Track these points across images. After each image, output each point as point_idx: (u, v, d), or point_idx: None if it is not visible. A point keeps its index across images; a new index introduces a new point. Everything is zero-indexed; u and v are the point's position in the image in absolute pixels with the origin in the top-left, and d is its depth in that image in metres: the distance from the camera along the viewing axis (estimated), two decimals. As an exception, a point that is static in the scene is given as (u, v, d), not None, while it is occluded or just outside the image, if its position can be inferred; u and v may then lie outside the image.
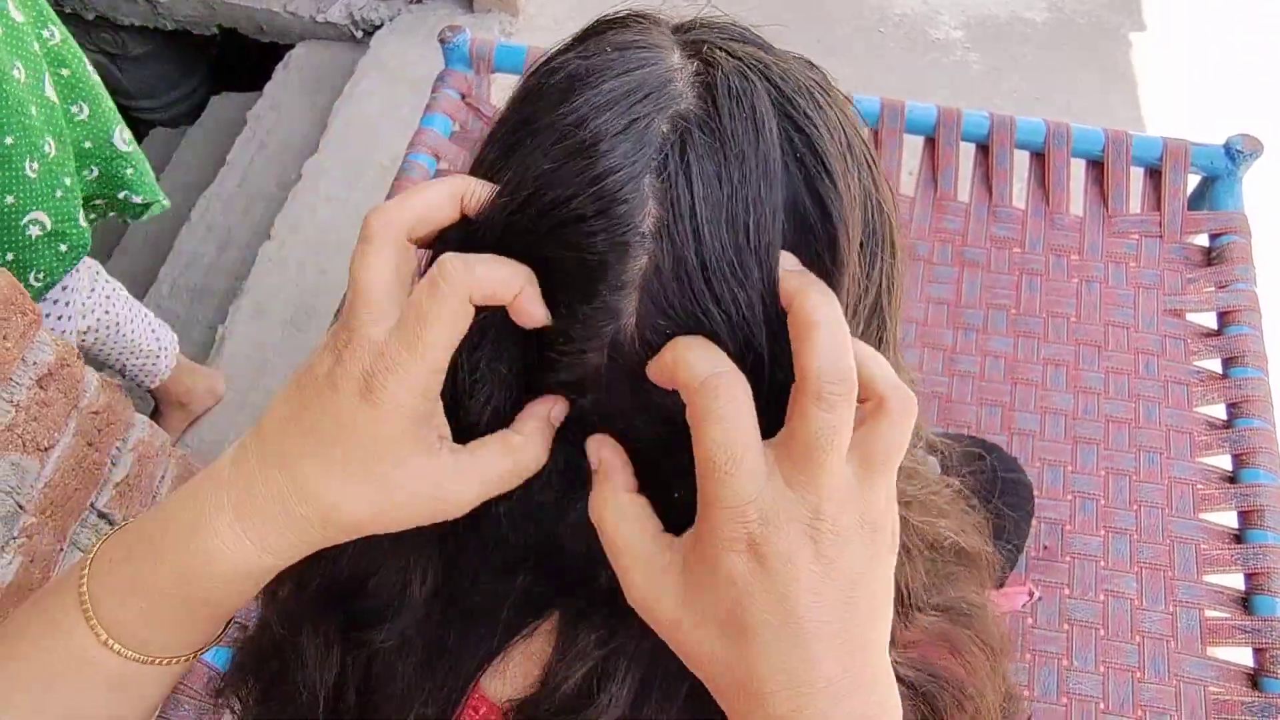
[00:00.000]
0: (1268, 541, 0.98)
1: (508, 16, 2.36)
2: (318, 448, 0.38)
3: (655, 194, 0.35)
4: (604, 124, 0.35)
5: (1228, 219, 1.20)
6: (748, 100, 0.36)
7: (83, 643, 0.41)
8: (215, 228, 2.17)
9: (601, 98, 0.36)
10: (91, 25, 2.73)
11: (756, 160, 0.35)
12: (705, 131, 0.35)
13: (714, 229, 0.35)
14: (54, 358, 0.82)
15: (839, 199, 0.37)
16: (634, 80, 0.36)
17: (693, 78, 0.37)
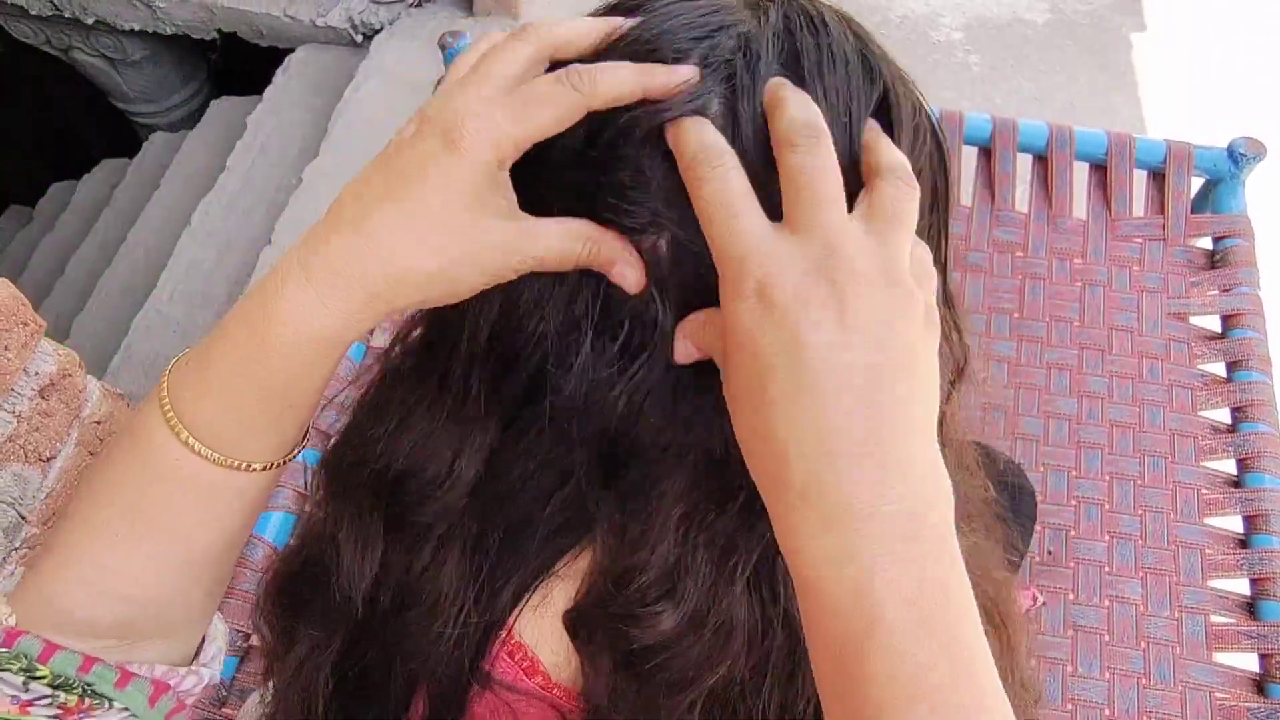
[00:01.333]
0: (1273, 546, 0.98)
1: (509, 19, 2.36)
2: (391, 199, 0.38)
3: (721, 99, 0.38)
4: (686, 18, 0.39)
5: (1231, 222, 1.19)
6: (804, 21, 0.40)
7: (166, 448, 0.41)
8: (216, 233, 2.17)
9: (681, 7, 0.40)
10: (91, 30, 2.73)
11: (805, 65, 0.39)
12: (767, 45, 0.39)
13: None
14: (56, 368, 0.81)
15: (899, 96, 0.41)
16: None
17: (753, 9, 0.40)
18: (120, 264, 2.32)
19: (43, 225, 3.00)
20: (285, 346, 0.39)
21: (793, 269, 0.34)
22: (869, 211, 0.36)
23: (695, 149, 0.36)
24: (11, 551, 0.79)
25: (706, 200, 0.35)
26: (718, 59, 0.38)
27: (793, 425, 0.34)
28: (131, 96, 3.00)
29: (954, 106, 2.16)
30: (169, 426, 0.40)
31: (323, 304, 0.39)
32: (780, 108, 0.37)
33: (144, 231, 2.37)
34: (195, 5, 2.52)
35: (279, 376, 0.40)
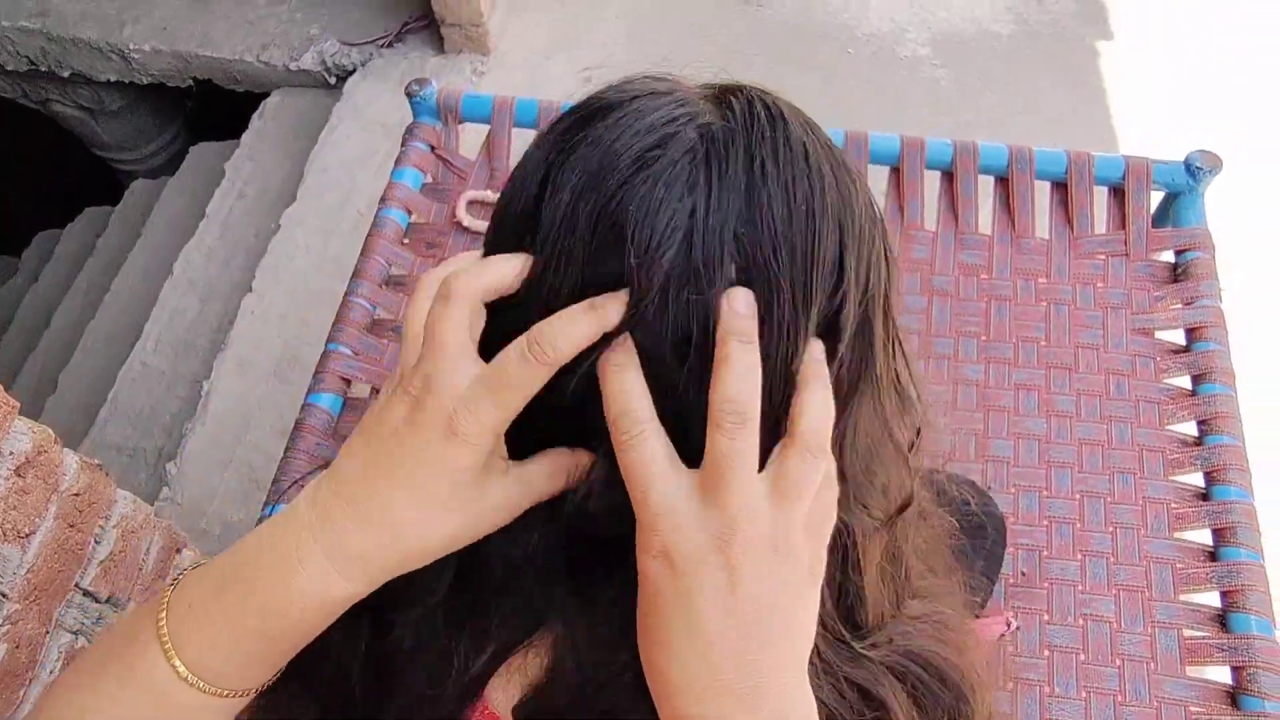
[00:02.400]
0: (1241, 559, 0.99)
1: (479, 56, 2.38)
2: (405, 486, 0.42)
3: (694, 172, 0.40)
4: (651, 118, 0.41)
5: (1191, 235, 1.21)
6: (760, 117, 0.42)
7: (164, 681, 0.44)
8: (197, 281, 2.19)
9: (645, 103, 0.42)
10: (68, 83, 2.75)
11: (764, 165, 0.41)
12: (728, 136, 0.41)
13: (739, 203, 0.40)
14: (31, 445, 0.83)
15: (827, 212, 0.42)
16: (666, 101, 0.42)
17: (711, 104, 0.43)
18: (105, 314, 2.34)
19: (28, 276, 3.01)
20: (306, 613, 0.44)
21: (694, 538, 0.39)
22: (774, 481, 0.41)
23: (618, 412, 0.40)
24: (-7, 629, 0.80)
25: (628, 465, 0.40)
26: (683, 142, 0.41)
27: (681, 665, 0.40)
28: (110, 145, 3.02)
29: (921, 121, 2.19)
30: (169, 664, 0.44)
31: (346, 579, 0.43)
32: (721, 374, 0.39)
33: (127, 280, 2.39)
34: (170, 54, 2.54)
35: (294, 635, 0.45)
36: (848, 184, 0.43)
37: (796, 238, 0.40)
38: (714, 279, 0.40)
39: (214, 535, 1.68)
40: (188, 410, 1.94)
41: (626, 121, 0.41)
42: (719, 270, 0.40)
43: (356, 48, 2.44)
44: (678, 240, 0.39)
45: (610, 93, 0.44)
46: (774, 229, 0.40)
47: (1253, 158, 2.08)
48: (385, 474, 0.42)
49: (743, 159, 0.41)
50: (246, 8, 2.58)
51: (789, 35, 2.42)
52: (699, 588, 0.39)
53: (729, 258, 0.40)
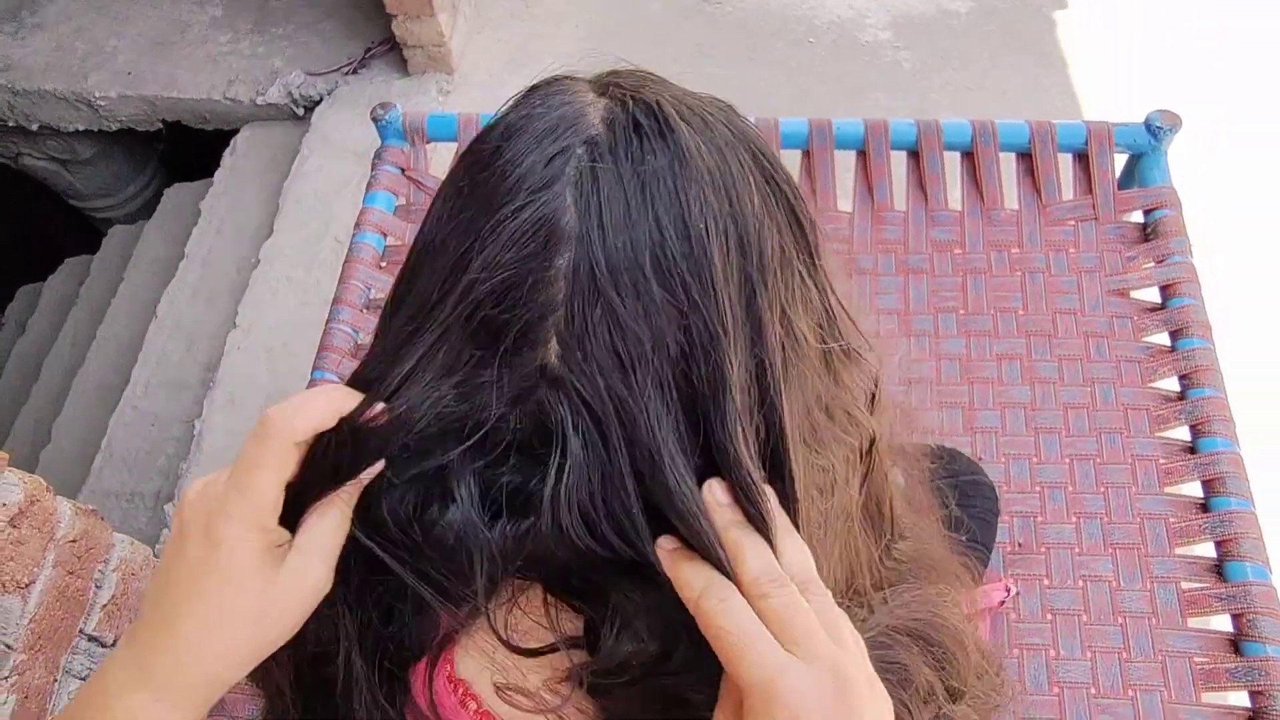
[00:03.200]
0: (1231, 508, 1.00)
1: (444, 76, 2.39)
2: (186, 603, 0.42)
3: (577, 209, 0.41)
4: (531, 160, 0.42)
5: (1157, 194, 1.23)
6: (646, 122, 0.43)
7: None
8: (182, 321, 2.19)
9: (528, 139, 0.43)
10: (37, 136, 2.75)
11: (651, 181, 0.41)
12: (611, 156, 0.42)
13: (619, 243, 0.40)
14: (23, 495, 0.83)
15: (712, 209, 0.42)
16: (554, 118, 0.43)
17: (603, 111, 0.43)
18: (93, 362, 2.34)
19: (13, 330, 3.00)
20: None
21: (818, 700, 0.38)
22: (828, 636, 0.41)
23: (701, 588, 0.40)
24: (1, 681, 0.80)
25: (727, 633, 0.39)
26: (564, 170, 0.41)
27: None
28: (86, 194, 3.01)
29: (888, 105, 2.21)
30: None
31: (167, 708, 0.42)
32: (740, 560, 0.41)
33: (113, 326, 2.39)
34: (136, 99, 2.55)
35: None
36: (742, 177, 0.44)
37: (687, 275, 0.41)
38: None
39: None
40: (182, 450, 1.94)
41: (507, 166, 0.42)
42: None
43: (321, 77, 2.45)
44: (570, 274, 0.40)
45: (493, 133, 0.45)
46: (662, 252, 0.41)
47: (1215, 117, 2.10)
48: (168, 596, 0.42)
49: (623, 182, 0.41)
50: (209, 45, 2.58)
51: (749, 31, 2.44)
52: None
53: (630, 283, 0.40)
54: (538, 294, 0.40)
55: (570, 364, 0.40)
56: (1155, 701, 0.95)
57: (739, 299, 0.43)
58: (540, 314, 0.40)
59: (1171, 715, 0.94)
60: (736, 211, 0.43)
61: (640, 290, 0.40)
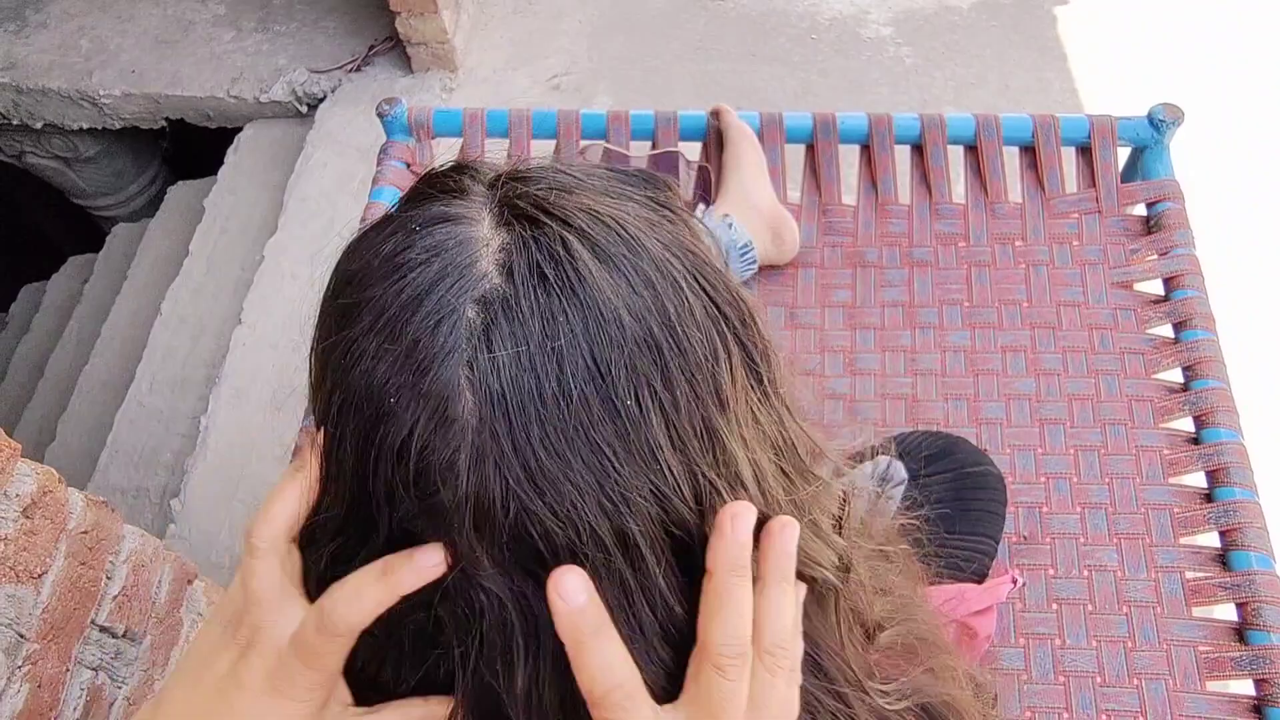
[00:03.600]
0: (1236, 497, 1.01)
1: (447, 73, 2.40)
2: None
3: (470, 388, 0.35)
4: (417, 323, 0.36)
5: (1160, 187, 1.23)
6: (552, 271, 0.36)
7: None
8: (187, 319, 2.20)
9: (411, 291, 0.36)
10: (41, 133, 2.76)
11: (560, 339, 0.35)
12: (508, 315, 0.36)
13: (521, 418, 0.35)
14: (35, 486, 0.84)
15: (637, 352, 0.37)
16: (441, 266, 0.37)
17: (498, 252, 0.37)
18: (98, 360, 2.34)
19: (17, 329, 3.01)
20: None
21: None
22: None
23: (605, 687, 0.38)
24: (15, 670, 0.81)
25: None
26: (459, 341, 0.36)
27: None
28: (89, 192, 3.02)
29: (890, 101, 2.21)
30: None
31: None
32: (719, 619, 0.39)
33: (117, 324, 2.40)
34: (140, 97, 2.55)
35: None
36: (663, 314, 0.38)
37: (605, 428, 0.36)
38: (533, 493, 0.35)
39: (224, 567, 1.69)
40: (188, 447, 1.95)
41: (392, 321, 0.36)
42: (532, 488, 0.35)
43: (325, 75, 2.45)
44: (468, 474, 0.35)
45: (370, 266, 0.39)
46: (584, 460, 0.36)
47: (1218, 110, 2.11)
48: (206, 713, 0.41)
49: (534, 361, 0.35)
50: (213, 44, 2.59)
51: (752, 27, 2.44)
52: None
53: (537, 474, 0.35)
54: (438, 494, 0.36)
55: (482, 563, 0.37)
56: (1160, 690, 0.95)
57: (677, 464, 0.38)
58: (445, 518, 0.36)
59: (1176, 703, 0.94)
60: (668, 366, 0.37)
61: (557, 482, 0.35)
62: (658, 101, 1.28)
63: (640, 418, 0.36)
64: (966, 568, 0.93)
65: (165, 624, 1.03)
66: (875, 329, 1.21)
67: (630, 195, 0.42)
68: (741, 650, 0.39)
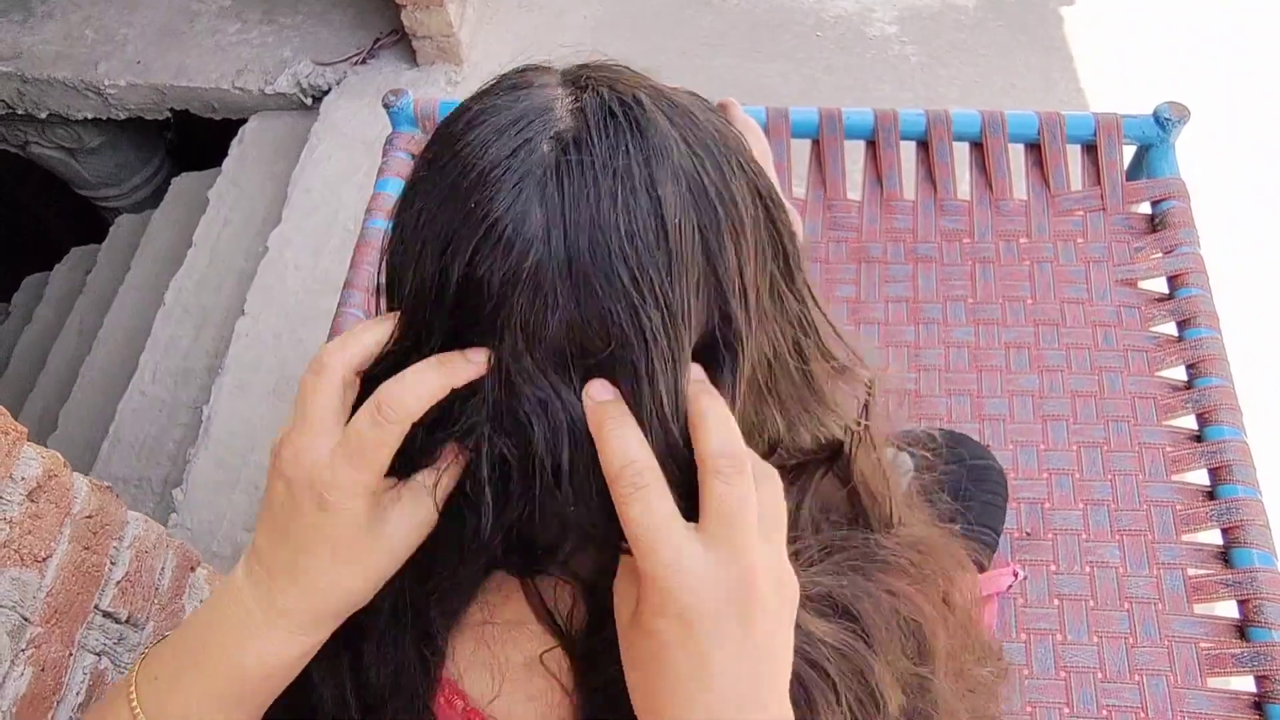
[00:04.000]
0: (1238, 495, 1.01)
1: (452, 66, 2.40)
2: (306, 553, 0.45)
3: (541, 207, 0.39)
4: (494, 152, 0.40)
5: (1165, 185, 1.23)
6: (621, 114, 0.41)
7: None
8: (190, 309, 2.20)
9: (491, 130, 0.41)
10: (46, 123, 2.76)
11: (622, 173, 0.40)
12: (578, 148, 0.40)
13: (585, 236, 0.39)
14: (41, 470, 0.84)
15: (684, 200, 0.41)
16: (519, 110, 0.42)
17: (572, 104, 0.42)
18: (100, 350, 2.34)
19: (19, 319, 3.01)
20: (269, 673, 0.47)
21: (713, 595, 0.39)
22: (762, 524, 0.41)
23: (620, 464, 0.40)
24: (19, 653, 0.81)
25: (633, 520, 0.40)
26: (533, 174, 0.40)
27: (679, 707, 0.40)
28: (93, 183, 3.02)
29: (894, 99, 2.21)
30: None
31: (300, 636, 0.47)
32: (704, 431, 0.41)
33: (120, 315, 2.40)
34: (145, 88, 2.55)
35: (260, 695, 0.48)
36: (721, 187, 0.42)
37: (656, 254, 0.40)
38: (580, 301, 0.39)
39: (225, 556, 1.70)
40: (190, 436, 1.95)
41: (471, 153, 0.41)
42: (583, 294, 0.39)
43: (330, 67, 2.45)
44: (527, 276, 0.39)
45: (459, 119, 0.43)
46: (630, 247, 0.39)
47: (1223, 109, 2.11)
48: (288, 546, 0.45)
49: (598, 183, 0.40)
50: (218, 36, 2.59)
51: (757, 24, 2.44)
52: (718, 643, 0.39)
53: (588, 281, 0.39)
54: (497, 291, 0.40)
55: (525, 362, 0.41)
56: (1161, 686, 0.95)
57: (707, 300, 0.42)
58: (500, 309, 0.40)
59: (1177, 700, 0.95)
60: (709, 210, 0.41)
61: (599, 289, 0.39)
62: (663, 96, 1.29)
63: (687, 249, 0.40)
64: (969, 560, 0.93)
65: (168, 610, 1.03)
66: (879, 324, 1.21)
67: (687, 94, 0.46)
68: (736, 456, 0.40)
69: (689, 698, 0.40)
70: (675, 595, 0.39)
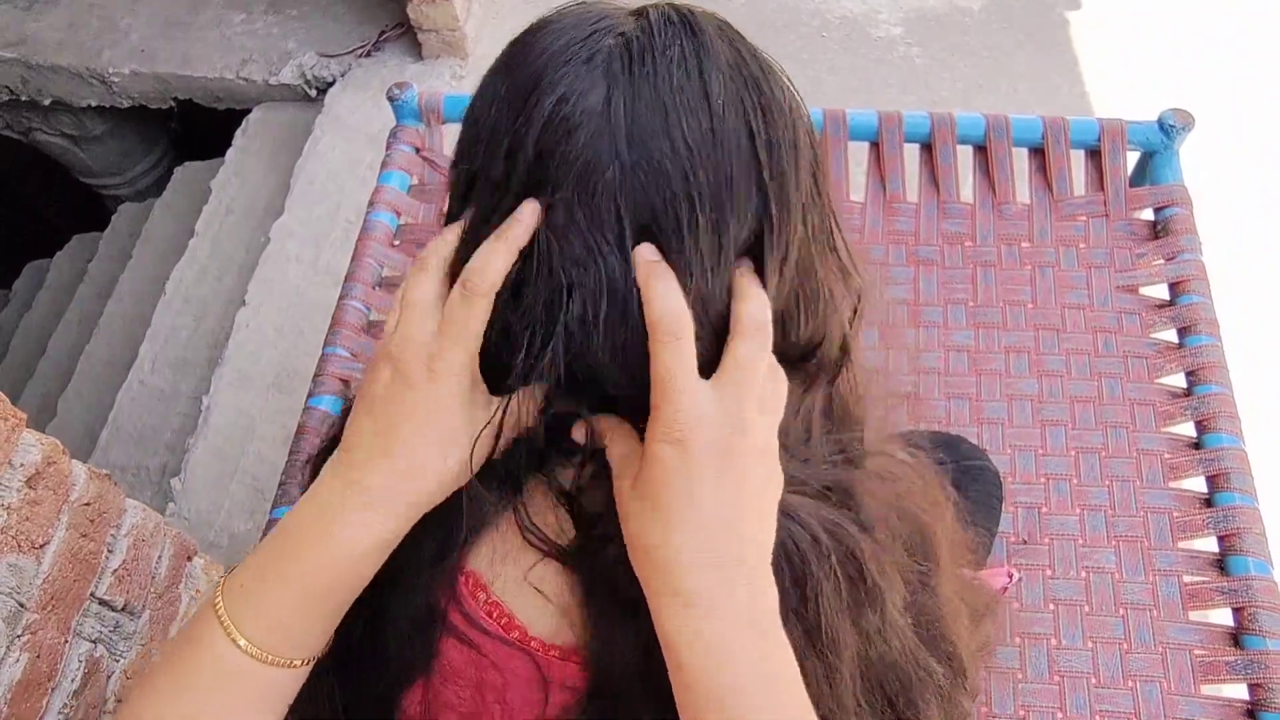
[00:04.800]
0: (1235, 503, 1.01)
1: (457, 61, 2.40)
2: (413, 427, 0.48)
3: (606, 80, 0.45)
4: (563, 42, 0.46)
5: (1168, 192, 1.23)
6: (680, 23, 0.47)
7: (230, 659, 0.48)
8: (191, 299, 2.20)
9: (558, 32, 0.47)
10: (49, 110, 2.75)
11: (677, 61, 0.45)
12: (640, 43, 0.45)
13: (646, 105, 0.44)
14: (40, 457, 0.84)
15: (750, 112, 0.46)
16: (588, 16, 0.47)
17: (636, 15, 0.48)
18: (100, 338, 2.34)
19: (19, 306, 3.01)
20: (354, 562, 0.49)
21: (714, 431, 0.46)
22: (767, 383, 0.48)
23: (660, 312, 0.45)
24: (15, 639, 0.81)
25: (665, 363, 0.45)
26: (600, 54, 0.45)
27: (678, 541, 0.46)
28: (96, 170, 3.02)
29: (899, 100, 2.21)
30: (234, 644, 0.48)
31: (387, 519, 0.49)
32: (743, 300, 0.47)
33: (120, 303, 2.40)
34: (150, 76, 2.55)
35: (344, 588, 0.50)
36: (763, 86, 0.48)
37: (705, 149, 0.45)
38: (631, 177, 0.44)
39: (222, 547, 1.70)
40: (189, 426, 1.95)
41: (543, 46, 0.46)
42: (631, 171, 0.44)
43: (335, 59, 2.45)
44: (586, 138, 0.44)
45: (530, 30, 0.49)
46: (684, 142, 0.44)
47: (1228, 116, 2.11)
48: (395, 424, 0.48)
49: (656, 66, 0.45)
50: (223, 26, 2.59)
51: (762, 23, 2.44)
52: (709, 472, 0.45)
53: (645, 144, 0.44)
54: (557, 150, 0.44)
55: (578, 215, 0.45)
56: (1155, 692, 0.96)
57: (751, 184, 0.46)
58: (560, 165, 0.44)
59: (1171, 706, 0.95)
60: (753, 102, 0.47)
61: (655, 151, 0.44)
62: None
63: (731, 134, 0.45)
64: (963, 561, 0.93)
65: (164, 599, 1.04)
66: (879, 325, 1.21)
67: None
68: (764, 328, 0.47)
69: (677, 521, 0.45)
70: (681, 423, 0.45)
